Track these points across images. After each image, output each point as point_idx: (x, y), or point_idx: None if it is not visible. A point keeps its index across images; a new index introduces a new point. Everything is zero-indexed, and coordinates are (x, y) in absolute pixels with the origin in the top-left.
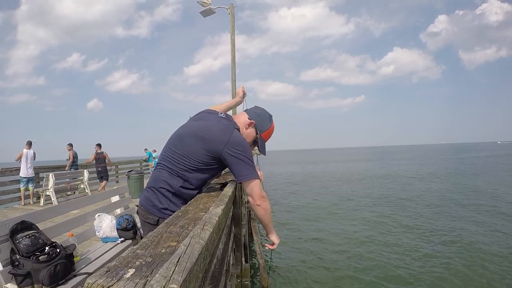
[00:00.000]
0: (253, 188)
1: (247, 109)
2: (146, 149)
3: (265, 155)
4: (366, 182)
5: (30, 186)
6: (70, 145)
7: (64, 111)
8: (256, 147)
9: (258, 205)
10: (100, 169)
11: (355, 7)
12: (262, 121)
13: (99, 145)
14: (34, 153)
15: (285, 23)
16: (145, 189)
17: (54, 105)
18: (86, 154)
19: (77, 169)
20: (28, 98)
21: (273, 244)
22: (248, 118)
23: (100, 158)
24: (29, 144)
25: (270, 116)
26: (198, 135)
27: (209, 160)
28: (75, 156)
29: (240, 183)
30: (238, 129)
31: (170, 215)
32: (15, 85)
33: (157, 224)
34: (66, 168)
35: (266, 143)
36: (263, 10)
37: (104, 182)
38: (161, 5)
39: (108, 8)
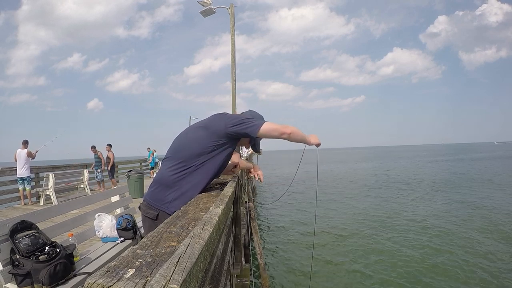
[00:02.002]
0: (270, 127)
1: (242, 112)
2: (149, 148)
3: (259, 153)
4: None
5: (27, 186)
6: (109, 145)
7: (64, 111)
8: (251, 146)
9: (289, 133)
10: (113, 166)
11: (355, 8)
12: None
13: (110, 145)
14: (31, 153)
15: (285, 24)
16: (150, 185)
17: (54, 105)
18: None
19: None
20: (29, 98)
21: (318, 144)
22: None
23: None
24: (24, 144)
25: (262, 117)
26: (200, 126)
27: (219, 139)
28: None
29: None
30: None
31: (171, 209)
32: (16, 85)
33: (156, 219)
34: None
35: (266, 144)
36: (263, 11)
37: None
38: (162, 5)
39: (109, 9)
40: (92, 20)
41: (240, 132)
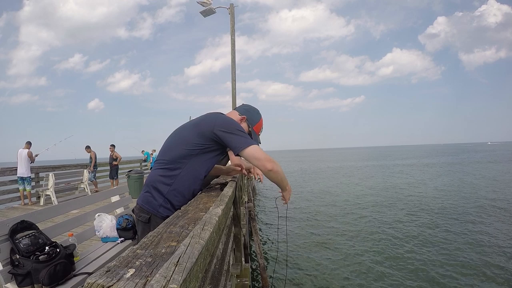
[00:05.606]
0: (255, 153)
1: (236, 107)
2: (143, 151)
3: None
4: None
5: (27, 187)
6: (113, 146)
7: (65, 111)
8: None
9: (270, 170)
10: (117, 166)
11: (355, 9)
12: (252, 115)
13: (113, 146)
14: (31, 154)
15: (286, 25)
16: (143, 188)
17: (55, 105)
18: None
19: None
20: (30, 98)
21: (286, 199)
22: (239, 114)
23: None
24: (27, 144)
25: (258, 110)
26: (191, 124)
27: (205, 142)
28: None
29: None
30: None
31: (162, 212)
32: (17, 86)
33: (148, 222)
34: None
35: (264, 144)
36: (263, 12)
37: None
38: (164, 6)
39: (111, 10)
40: (94, 21)
41: (224, 140)
